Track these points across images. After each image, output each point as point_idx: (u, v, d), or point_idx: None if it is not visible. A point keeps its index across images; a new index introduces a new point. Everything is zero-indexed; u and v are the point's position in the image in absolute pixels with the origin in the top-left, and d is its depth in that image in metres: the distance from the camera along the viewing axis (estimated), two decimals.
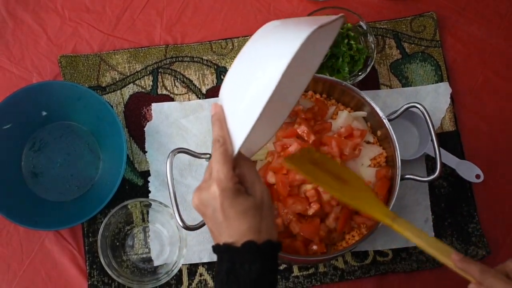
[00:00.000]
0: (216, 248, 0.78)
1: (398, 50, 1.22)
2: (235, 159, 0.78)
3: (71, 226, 1.08)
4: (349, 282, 1.12)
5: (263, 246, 0.76)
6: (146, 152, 1.14)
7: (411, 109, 1.05)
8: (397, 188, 1.01)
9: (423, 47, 1.22)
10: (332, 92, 1.11)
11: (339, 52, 1.14)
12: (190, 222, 0.96)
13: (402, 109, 1.04)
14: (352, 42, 1.15)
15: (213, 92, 1.18)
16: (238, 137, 0.77)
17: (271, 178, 1.03)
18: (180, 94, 1.17)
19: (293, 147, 1.03)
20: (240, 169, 0.79)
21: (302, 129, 1.05)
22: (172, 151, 0.98)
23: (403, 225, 0.89)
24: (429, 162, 1.16)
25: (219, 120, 0.79)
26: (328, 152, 1.05)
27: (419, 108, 1.03)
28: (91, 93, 1.08)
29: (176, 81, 1.18)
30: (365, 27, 1.15)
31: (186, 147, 1.00)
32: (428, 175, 1.02)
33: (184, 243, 1.06)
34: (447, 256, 0.85)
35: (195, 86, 1.18)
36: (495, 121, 1.21)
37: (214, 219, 0.77)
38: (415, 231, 0.88)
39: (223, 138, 0.78)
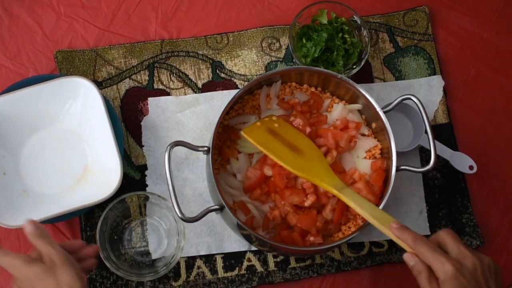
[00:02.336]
0: None
1: (391, 44, 1.23)
2: None
3: (68, 219, 1.09)
4: (346, 273, 1.13)
5: None
6: (143, 146, 1.15)
7: (405, 101, 1.06)
8: (393, 179, 1.02)
9: (415, 41, 1.23)
10: (327, 85, 1.12)
11: (334, 45, 1.15)
12: (188, 215, 0.97)
13: (397, 101, 1.05)
14: (346, 36, 1.16)
15: (209, 86, 1.18)
16: None
17: (268, 171, 1.04)
18: (176, 89, 1.18)
19: None
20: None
21: (297, 122, 1.07)
22: (170, 144, 0.99)
23: (349, 195, 0.95)
24: (423, 154, 1.18)
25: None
26: (324, 144, 1.06)
27: (413, 100, 1.04)
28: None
29: (172, 75, 1.18)
30: (359, 21, 1.17)
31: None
32: (422, 167, 1.03)
33: (182, 236, 1.07)
34: (388, 226, 0.89)
35: (191, 80, 1.18)
36: (487, 113, 1.22)
37: None
38: (359, 202, 0.93)
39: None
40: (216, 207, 1.01)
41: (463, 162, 1.15)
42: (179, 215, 0.96)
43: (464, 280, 0.81)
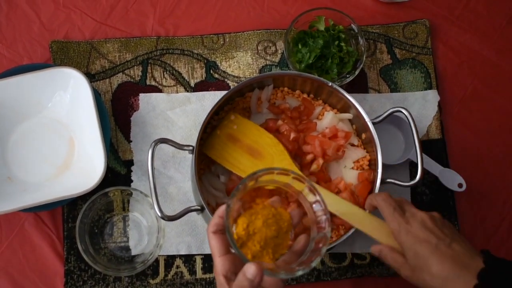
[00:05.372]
0: None
1: (389, 55, 1.22)
2: None
3: (50, 209, 1.09)
4: (325, 283, 1.11)
5: None
6: (131, 141, 1.14)
7: (397, 113, 1.05)
8: (377, 191, 1.01)
9: (414, 54, 1.22)
10: (319, 93, 1.11)
11: (329, 53, 1.14)
12: (170, 214, 0.97)
13: (387, 113, 1.04)
14: (342, 44, 1.15)
15: (202, 86, 1.18)
16: None
17: None
18: (168, 86, 1.18)
19: None
20: None
21: (283, 127, 1.06)
22: (155, 141, 0.98)
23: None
24: (413, 168, 1.16)
25: None
26: (311, 151, 1.05)
27: (403, 113, 1.03)
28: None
29: (165, 73, 1.18)
30: (356, 30, 1.16)
31: (171, 139, 1.01)
32: (411, 181, 1.02)
33: (162, 233, 1.06)
34: (355, 220, 0.93)
35: (184, 79, 1.18)
36: (481, 132, 1.21)
37: None
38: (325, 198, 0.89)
39: None
40: (197, 207, 1.00)
41: (452, 179, 1.14)
42: (158, 213, 0.96)
43: (419, 232, 0.85)
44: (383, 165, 1.02)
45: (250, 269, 0.71)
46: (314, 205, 0.78)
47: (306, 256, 0.76)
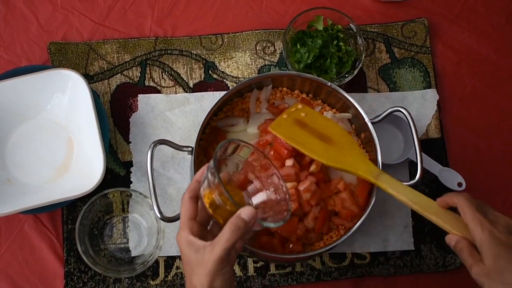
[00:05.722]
0: None
1: (388, 55, 1.22)
2: None
3: (50, 211, 1.08)
4: (326, 283, 1.11)
5: None
6: (130, 142, 1.14)
7: (396, 113, 1.05)
8: (376, 191, 1.00)
9: (413, 53, 1.22)
10: (318, 93, 1.11)
11: (328, 53, 1.14)
12: (169, 215, 0.97)
13: (386, 112, 1.04)
14: (341, 43, 1.15)
15: (200, 86, 1.18)
16: None
17: (251, 176, 1.02)
18: (167, 87, 1.17)
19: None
20: None
21: None
22: (154, 142, 0.98)
23: (387, 181, 0.92)
24: (413, 168, 1.16)
25: None
26: None
27: (403, 112, 1.03)
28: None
29: (164, 73, 1.18)
30: (355, 30, 1.15)
31: (170, 140, 1.00)
32: (410, 180, 1.02)
33: (161, 234, 1.06)
34: (430, 211, 0.89)
35: (183, 79, 1.18)
36: (480, 130, 1.20)
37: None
38: (398, 188, 0.91)
39: None
40: None
41: (452, 178, 1.14)
42: (158, 214, 0.96)
43: (502, 236, 0.82)
44: (383, 164, 1.02)
45: (246, 210, 0.78)
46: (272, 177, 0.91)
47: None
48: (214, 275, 0.78)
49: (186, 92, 1.17)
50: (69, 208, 1.11)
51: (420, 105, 1.19)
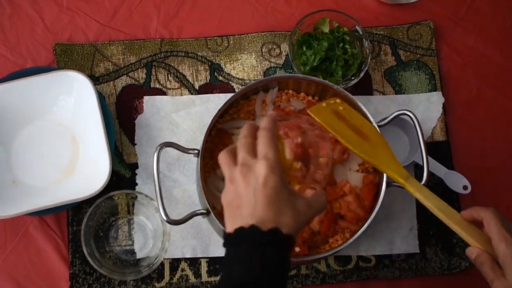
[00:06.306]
0: (240, 230, 0.75)
1: (393, 57, 1.22)
2: None
3: (55, 212, 1.08)
4: (331, 285, 1.11)
5: (287, 239, 0.75)
6: (136, 144, 1.14)
7: (402, 116, 1.05)
8: (382, 195, 1.00)
9: (418, 55, 1.22)
10: (324, 95, 1.11)
11: (334, 55, 1.14)
12: (175, 217, 0.96)
13: (393, 115, 1.04)
14: (347, 46, 1.15)
15: (206, 88, 1.18)
16: None
17: None
18: (172, 89, 1.17)
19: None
20: None
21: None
22: (160, 145, 0.98)
23: (415, 185, 0.93)
24: (418, 170, 1.16)
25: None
26: None
27: (409, 116, 1.03)
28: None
29: (169, 75, 1.18)
30: (361, 32, 1.15)
31: (176, 142, 1.00)
32: None
33: (167, 237, 1.06)
34: (454, 220, 0.88)
35: (188, 81, 1.18)
36: (486, 133, 1.20)
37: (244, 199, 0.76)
38: (425, 193, 0.91)
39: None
40: (203, 211, 1.00)
41: (457, 182, 1.14)
42: (164, 217, 0.95)
43: None
44: None
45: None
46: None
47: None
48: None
49: (192, 94, 1.17)
50: (74, 210, 1.11)
51: (426, 108, 1.19)
